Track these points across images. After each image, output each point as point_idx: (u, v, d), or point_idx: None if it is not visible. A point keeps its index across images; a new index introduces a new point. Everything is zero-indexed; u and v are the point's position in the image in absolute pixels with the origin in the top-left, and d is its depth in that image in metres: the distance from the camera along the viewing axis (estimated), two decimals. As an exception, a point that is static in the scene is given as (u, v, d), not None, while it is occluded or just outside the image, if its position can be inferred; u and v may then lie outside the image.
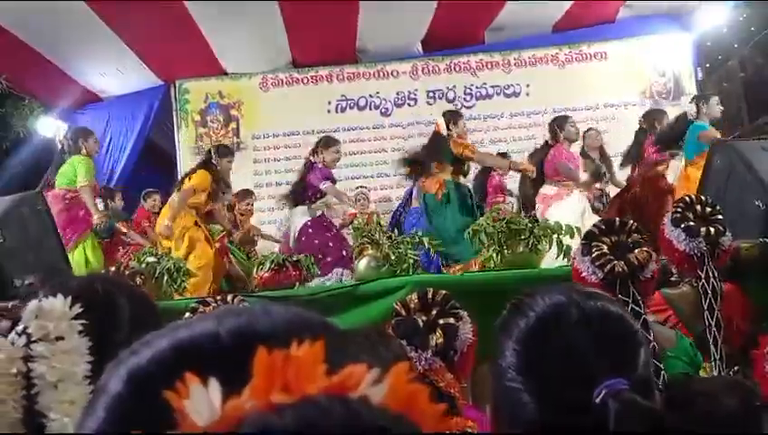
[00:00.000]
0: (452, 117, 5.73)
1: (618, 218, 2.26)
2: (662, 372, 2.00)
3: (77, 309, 0.79)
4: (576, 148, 6.19)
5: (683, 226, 2.57)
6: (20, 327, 0.78)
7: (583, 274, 2.14)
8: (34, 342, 0.77)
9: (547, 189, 5.75)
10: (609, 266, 2.07)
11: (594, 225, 2.25)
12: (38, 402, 0.75)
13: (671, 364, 2.25)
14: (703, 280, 2.55)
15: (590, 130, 6.84)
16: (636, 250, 2.09)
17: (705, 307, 2.54)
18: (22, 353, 0.76)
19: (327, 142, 5.74)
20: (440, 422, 0.39)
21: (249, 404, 0.35)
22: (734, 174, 4.07)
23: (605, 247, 2.13)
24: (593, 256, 2.11)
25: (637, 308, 2.06)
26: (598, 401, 0.76)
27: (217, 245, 5.62)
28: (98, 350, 0.79)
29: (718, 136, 5.28)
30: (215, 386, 0.36)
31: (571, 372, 0.80)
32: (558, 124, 5.88)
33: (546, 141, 5.96)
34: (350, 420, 0.35)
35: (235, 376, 0.37)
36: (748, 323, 2.58)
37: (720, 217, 2.62)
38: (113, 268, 4.34)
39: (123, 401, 0.43)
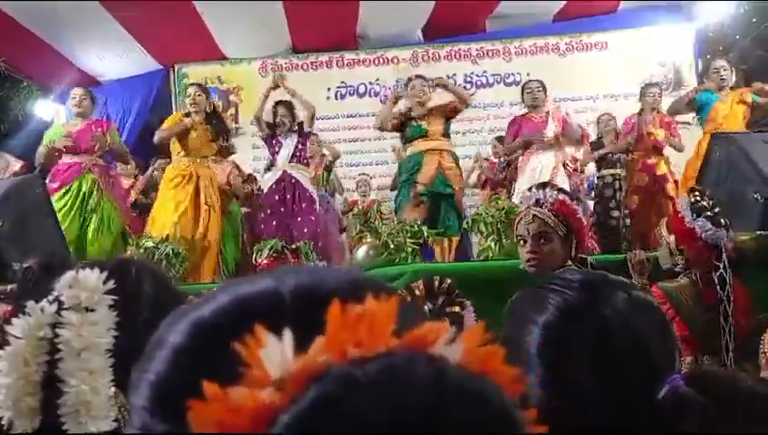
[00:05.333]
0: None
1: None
2: None
3: (110, 285, 0.82)
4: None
5: (705, 215, 2.58)
6: (52, 295, 0.81)
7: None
8: (65, 309, 0.80)
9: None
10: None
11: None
12: (59, 368, 0.78)
13: None
14: (721, 270, 2.56)
15: (602, 115, 6.84)
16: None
17: (724, 297, 2.54)
18: (51, 320, 0.79)
19: None
20: (518, 384, 0.38)
21: (323, 358, 0.35)
22: (734, 166, 4.06)
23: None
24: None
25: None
26: (660, 397, 0.76)
27: None
28: (121, 327, 0.81)
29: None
30: (288, 337, 0.36)
31: (606, 362, 0.78)
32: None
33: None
34: (435, 376, 0.34)
35: (298, 334, 0.37)
36: (747, 317, 2.59)
37: (718, 209, 2.64)
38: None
39: (185, 352, 0.42)
